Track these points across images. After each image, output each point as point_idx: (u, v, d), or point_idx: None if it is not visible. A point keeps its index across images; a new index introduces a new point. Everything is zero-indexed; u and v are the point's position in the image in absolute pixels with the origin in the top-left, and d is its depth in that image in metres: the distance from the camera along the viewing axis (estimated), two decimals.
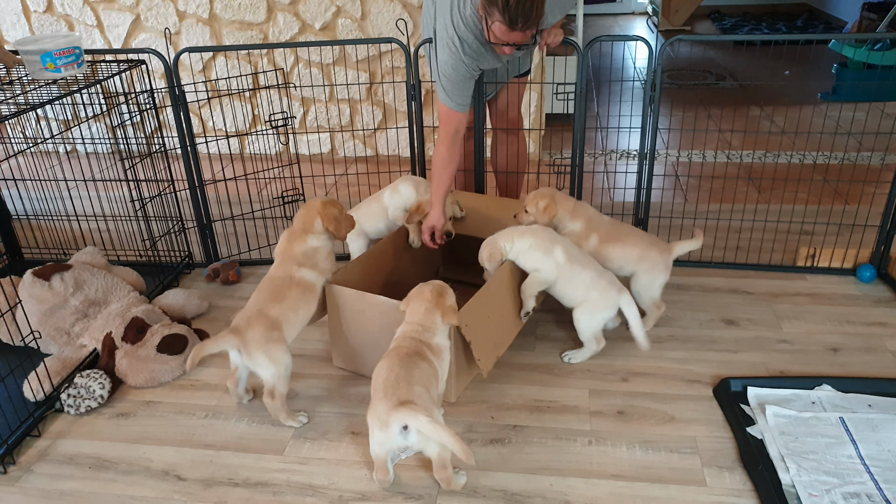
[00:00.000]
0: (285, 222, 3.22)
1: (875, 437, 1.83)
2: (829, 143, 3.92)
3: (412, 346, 1.83)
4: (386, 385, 1.71)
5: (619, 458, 1.84)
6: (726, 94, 5.18)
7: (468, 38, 2.25)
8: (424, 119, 2.92)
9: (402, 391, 1.69)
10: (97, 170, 3.78)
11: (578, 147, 2.72)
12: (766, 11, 8.62)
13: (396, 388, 1.70)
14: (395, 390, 1.69)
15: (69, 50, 2.30)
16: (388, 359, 1.80)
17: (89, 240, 3.06)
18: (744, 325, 2.40)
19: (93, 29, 4.06)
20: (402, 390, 1.69)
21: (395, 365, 1.76)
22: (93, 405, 2.08)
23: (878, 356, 2.21)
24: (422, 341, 1.85)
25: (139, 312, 2.29)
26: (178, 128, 2.66)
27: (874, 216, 2.77)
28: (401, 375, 1.72)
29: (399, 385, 1.70)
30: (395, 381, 1.71)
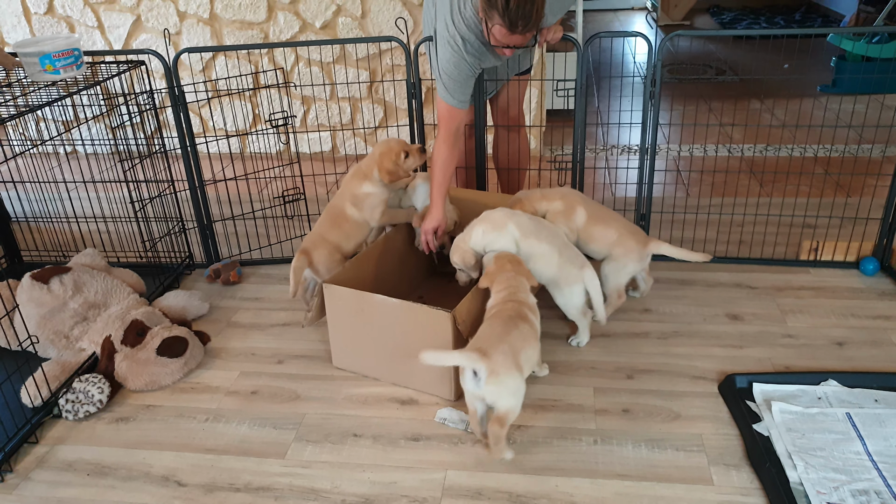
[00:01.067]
0: (286, 222, 3.22)
1: (882, 433, 1.81)
2: (830, 135, 3.90)
3: (514, 308, 1.91)
4: (478, 337, 1.83)
5: (624, 457, 1.82)
6: (726, 88, 5.16)
7: (470, 37, 2.23)
8: (425, 116, 2.90)
9: (487, 343, 1.77)
10: (97, 171, 3.77)
11: (579, 143, 2.70)
12: (764, 5, 8.59)
13: (486, 341, 1.79)
14: (482, 342, 1.78)
15: (68, 52, 2.28)
16: (492, 320, 1.89)
17: (89, 242, 3.04)
18: (748, 319, 2.38)
19: (94, 30, 4.04)
20: (488, 343, 1.77)
21: (496, 325, 1.85)
22: (92, 410, 2.06)
23: (884, 350, 2.19)
24: (521, 301, 1.94)
25: (139, 315, 2.27)
26: (179, 128, 2.64)
27: (876, 209, 2.75)
28: (496, 333, 1.82)
29: (490, 339, 1.79)
30: (488, 337, 1.81)
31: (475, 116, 2.73)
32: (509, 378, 1.73)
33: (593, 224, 2.36)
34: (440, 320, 1.93)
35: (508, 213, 2.23)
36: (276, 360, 2.30)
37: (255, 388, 2.17)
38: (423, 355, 1.74)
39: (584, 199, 2.42)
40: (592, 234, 2.36)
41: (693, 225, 2.94)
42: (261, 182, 3.60)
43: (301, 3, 3.82)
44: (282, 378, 2.21)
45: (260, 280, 2.81)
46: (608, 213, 2.42)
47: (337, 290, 2.11)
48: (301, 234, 3.12)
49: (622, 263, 2.34)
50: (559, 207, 2.38)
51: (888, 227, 2.58)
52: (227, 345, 2.40)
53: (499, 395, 1.74)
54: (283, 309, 2.59)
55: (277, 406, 2.08)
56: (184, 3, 3.89)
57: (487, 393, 1.74)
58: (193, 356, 2.26)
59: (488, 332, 1.84)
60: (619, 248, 2.33)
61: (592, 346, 2.27)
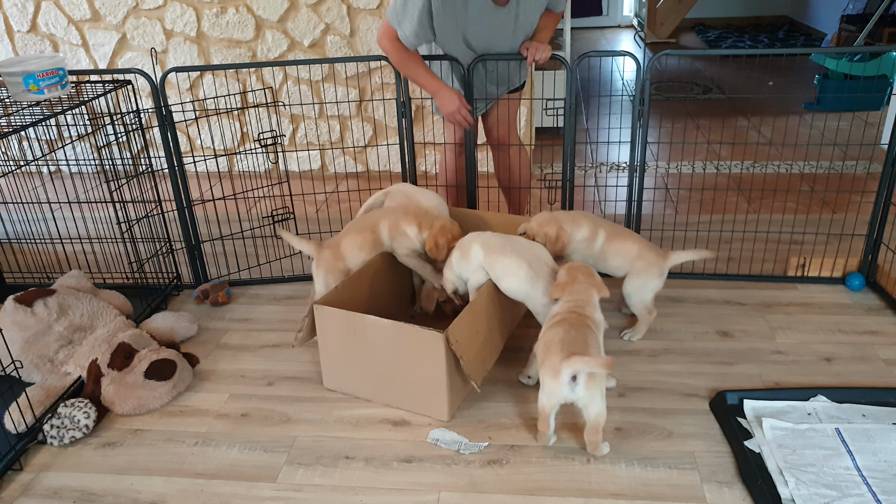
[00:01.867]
0: (275, 241, 3.20)
1: (871, 448, 1.82)
2: (815, 152, 3.95)
3: (578, 319, 1.93)
4: (563, 341, 1.84)
5: (618, 475, 1.81)
6: (713, 106, 5.22)
7: None
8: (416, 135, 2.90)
9: (578, 347, 1.82)
10: (81, 190, 3.74)
11: (569, 161, 2.71)
12: (748, 23, 8.73)
13: (573, 344, 1.83)
14: (572, 346, 1.82)
15: (53, 71, 2.27)
16: (561, 325, 1.91)
17: (74, 263, 3.01)
18: (738, 336, 2.39)
19: (78, 48, 4.03)
20: (579, 346, 1.82)
21: (570, 328, 1.89)
22: (77, 435, 2.03)
23: (871, 365, 2.21)
24: (585, 315, 1.95)
25: (126, 338, 2.25)
26: (166, 148, 2.63)
27: (861, 224, 2.78)
28: (577, 337, 1.86)
29: (576, 342, 1.84)
30: (573, 340, 1.85)
31: (464, 135, 2.73)
32: (602, 384, 1.83)
33: (613, 240, 2.37)
34: (432, 341, 1.92)
35: (475, 235, 2.24)
36: (267, 381, 2.28)
37: (246, 411, 2.15)
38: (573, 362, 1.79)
39: (597, 219, 2.43)
40: (612, 249, 2.36)
41: (682, 242, 2.96)
42: (249, 201, 3.59)
43: (289, 21, 3.83)
44: (272, 400, 2.19)
45: (249, 301, 2.78)
46: (623, 229, 2.43)
47: (328, 311, 2.09)
48: (290, 254, 3.11)
49: (644, 279, 2.33)
50: (587, 234, 2.37)
51: (873, 244, 2.60)
52: (216, 367, 2.37)
53: (593, 398, 1.82)
54: (272, 330, 2.57)
55: (268, 429, 2.06)
56: (170, 21, 3.89)
57: (582, 397, 1.81)
58: (182, 379, 2.23)
59: (570, 338, 1.86)
60: (640, 262, 2.33)
61: None
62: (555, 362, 1.81)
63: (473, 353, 1.99)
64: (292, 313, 2.67)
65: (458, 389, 2.07)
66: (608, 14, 9.13)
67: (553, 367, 1.81)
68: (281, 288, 2.87)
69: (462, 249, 2.22)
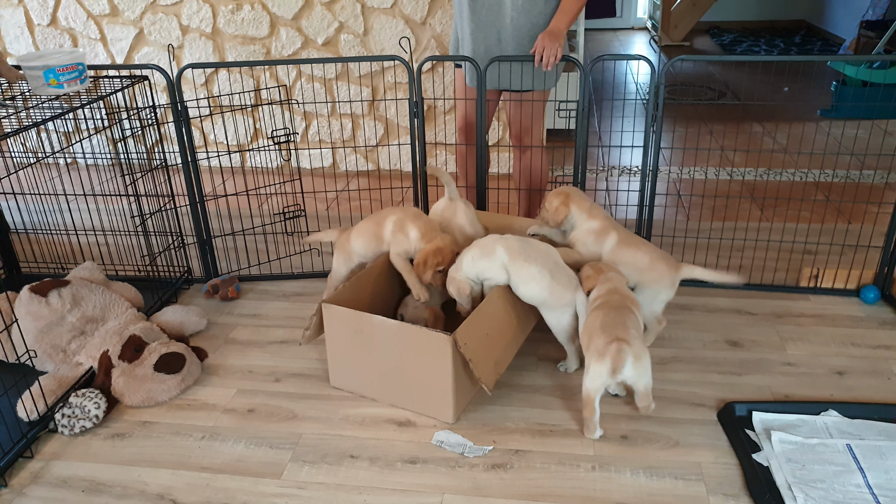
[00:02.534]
0: (286, 238, 3.21)
1: (883, 466, 1.80)
2: (830, 161, 3.92)
3: (619, 299, 2.03)
4: (604, 325, 1.94)
5: (623, 484, 1.81)
6: (726, 111, 5.19)
7: None
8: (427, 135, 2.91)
9: (620, 331, 1.91)
10: (97, 182, 3.77)
11: (581, 164, 2.70)
12: (764, 27, 8.66)
13: (614, 328, 1.92)
14: (613, 329, 1.91)
15: (73, 66, 2.28)
16: (602, 308, 2.00)
17: (87, 254, 3.04)
18: (748, 346, 2.38)
19: (96, 42, 4.05)
20: (620, 330, 1.91)
21: (609, 311, 1.98)
22: (87, 425, 2.05)
23: (884, 380, 2.19)
24: (624, 295, 2.06)
25: (137, 330, 2.26)
26: (181, 144, 2.64)
27: (877, 236, 2.76)
28: (617, 319, 1.95)
29: (616, 326, 1.93)
30: (613, 323, 1.94)
31: (477, 133, 2.73)
32: (647, 359, 1.93)
33: (623, 247, 2.31)
34: (440, 343, 1.92)
35: (497, 237, 2.21)
36: (274, 378, 2.29)
37: (252, 407, 2.16)
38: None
39: (614, 221, 2.40)
40: (622, 257, 2.30)
41: (693, 249, 2.94)
42: (261, 197, 3.60)
43: (303, 19, 3.84)
44: (279, 397, 2.20)
45: (258, 296, 2.80)
46: (636, 237, 2.37)
47: (336, 311, 2.10)
48: (301, 250, 3.12)
49: (656, 290, 2.28)
50: (597, 226, 2.34)
51: (889, 256, 2.58)
52: (224, 362, 2.38)
53: (640, 375, 1.92)
54: (280, 326, 2.58)
55: (274, 425, 2.07)
56: (186, 17, 3.91)
57: (631, 376, 1.91)
58: (191, 373, 2.25)
59: (609, 320, 1.95)
60: (651, 273, 2.28)
61: None
62: (599, 346, 1.90)
63: (483, 356, 1.99)
64: (301, 310, 2.68)
65: (464, 392, 2.07)
66: (622, 16, 9.09)
67: (599, 352, 1.90)
68: (290, 284, 2.88)
69: (483, 249, 2.19)
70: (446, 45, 3.81)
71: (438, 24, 3.76)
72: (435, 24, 3.76)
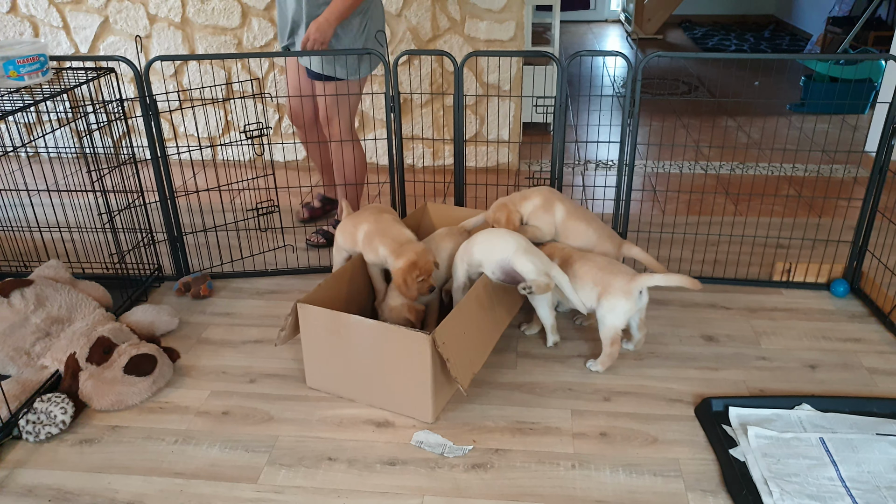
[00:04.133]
0: (259, 234, 3.16)
1: (855, 458, 1.83)
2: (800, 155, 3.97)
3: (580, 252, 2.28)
4: (604, 267, 2.16)
5: (602, 482, 1.81)
6: (698, 104, 5.23)
7: None
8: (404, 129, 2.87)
9: (625, 268, 2.15)
10: (61, 176, 3.66)
11: (558, 160, 2.69)
12: (734, 21, 8.76)
13: (618, 267, 2.16)
14: (618, 267, 2.15)
15: (34, 58, 2.21)
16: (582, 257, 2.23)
17: (52, 251, 2.95)
18: (723, 341, 2.40)
19: (59, 31, 3.93)
20: (625, 268, 2.15)
21: (596, 258, 2.21)
22: (54, 431, 1.98)
23: (855, 373, 2.22)
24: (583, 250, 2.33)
25: (105, 331, 2.20)
26: (150, 139, 2.57)
27: (846, 230, 2.80)
28: (608, 261, 2.18)
29: (615, 265, 2.15)
30: (611, 264, 2.16)
31: (454, 131, 2.70)
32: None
33: (572, 219, 2.42)
34: (418, 342, 1.90)
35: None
36: (249, 378, 2.25)
37: (227, 409, 2.11)
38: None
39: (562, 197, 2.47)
40: (571, 229, 2.41)
41: (669, 244, 2.96)
42: (233, 192, 3.53)
43: (276, 9, 3.75)
44: (254, 398, 2.16)
45: (231, 294, 2.74)
46: (587, 213, 2.47)
47: (311, 310, 2.06)
48: (274, 247, 3.06)
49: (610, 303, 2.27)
50: (538, 202, 2.43)
51: (858, 251, 2.62)
52: (197, 362, 2.33)
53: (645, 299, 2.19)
54: (254, 325, 2.53)
55: (249, 428, 2.03)
56: (154, 6, 3.81)
57: (644, 304, 2.17)
58: (162, 374, 2.19)
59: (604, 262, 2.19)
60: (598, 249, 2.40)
61: (570, 367, 2.26)
62: (622, 285, 2.10)
63: (461, 355, 1.97)
64: (275, 308, 2.64)
65: (443, 391, 2.06)
66: (595, 8, 9.12)
67: (623, 290, 2.10)
68: (264, 282, 2.83)
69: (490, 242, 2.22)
70: (421, 37, 3.77)
71: (414, 16, 3.71)
72: (410, 16, 3.72)
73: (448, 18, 3.72)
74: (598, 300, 2.17)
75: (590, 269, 2.20)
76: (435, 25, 3.74)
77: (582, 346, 2.37)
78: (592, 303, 2.19)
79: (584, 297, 2.19)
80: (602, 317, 2.17)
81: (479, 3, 3.68)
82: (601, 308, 2.16)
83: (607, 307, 2.15)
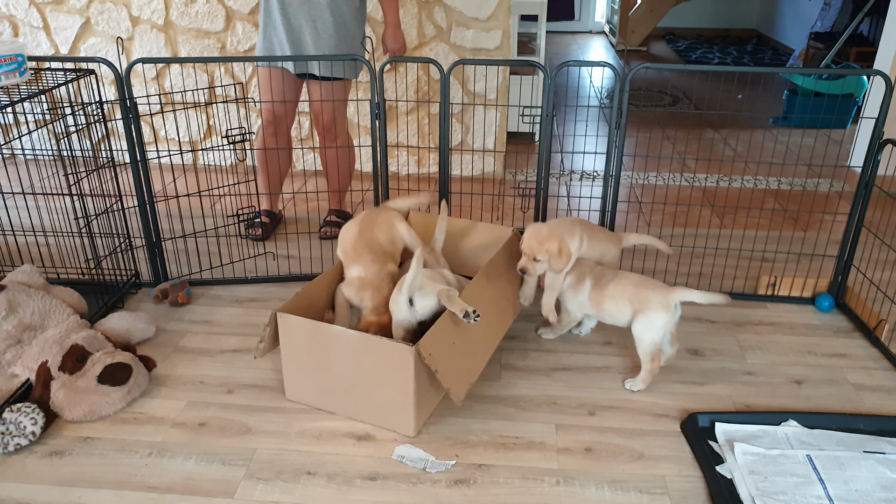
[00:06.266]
0: (239, 241, 3.10)
1: (842, 476, 1.81)
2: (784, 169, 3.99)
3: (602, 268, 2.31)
4: (641, 283, 2.16)
5: (587, 499, 1.77)
6: (682, 116, 5.25)
7: None
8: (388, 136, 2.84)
9: (660, 283, 2.16)
10: (36, 178, 3.59)
11: (544, 170, 2.67)
12: (717, 35, 8.84)
13: (652, 283, 2.16)
14: (653, 284, 2.15)
15: (11, 58, 2.15)
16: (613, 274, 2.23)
17: (26, 256, 2.88)
18: (709, 355, 2.38)
19: (39, 31, 3.86)
20: (659, 283, 2.16)
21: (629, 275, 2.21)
22: (23, 443, 1.91)
23: (841, 389, 2.21)
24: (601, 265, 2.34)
25: (79, 339, 2.13)
26: (129, 142, 2.51)
27: (831, 245, 2.80)
28: (642, 277, 2.20)
29: (649, 281, 2.17)
30: (645, 280, 2.18)
31: (440, 138, 2.67)
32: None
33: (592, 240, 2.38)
34: (401, 353, 1.86)
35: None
36: (226, 389, 2.19)
37: (203, 420, 2.06)
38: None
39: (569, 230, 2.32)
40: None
41: (654, 256, 2.94)
42: (213, 198, 3.48)
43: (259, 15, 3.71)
44: (232, 409, 2.10)
45: (210, 302, 2.69)
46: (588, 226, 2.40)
47: (291, 320, 2.01)
48: (254, 254, 3.01)
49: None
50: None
51: (843, 265, 2.62)
52: (173, 372, 2.27)
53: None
54: (233, 334, 2.48)
55: (227, 440, 1.97)
56: (137, 7, 3.75)
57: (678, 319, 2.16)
58: (137, 384, 2.13)
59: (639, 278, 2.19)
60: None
61: (554, 381, 2.23)
62: (661, 298, 2.11)
63: (452, 366, 1.93)
64: (255, 316, 2.59)
65: (425, 404, 2.01)
66: (580, 19, 9.17)
67: (663, 304, 2.10)
68: (243, 289, 2.77)
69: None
70: (408, 45, 3.74)
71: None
72: None
73: (434, 26, 3.70)
74: (634, 317, 2.16)
75: (626, 288, 2.18)
76: (421, 33, 3.72)
77: (566, 358, 2.34)
78: (627, 320, 2.19)
79: (618, 315, 2.20)
80: (639, 334, 2.14)
81: (465, 11, 3.66)
82: (638, 325, 2.14)
83: (645, 323, 2.13)
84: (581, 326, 2.48)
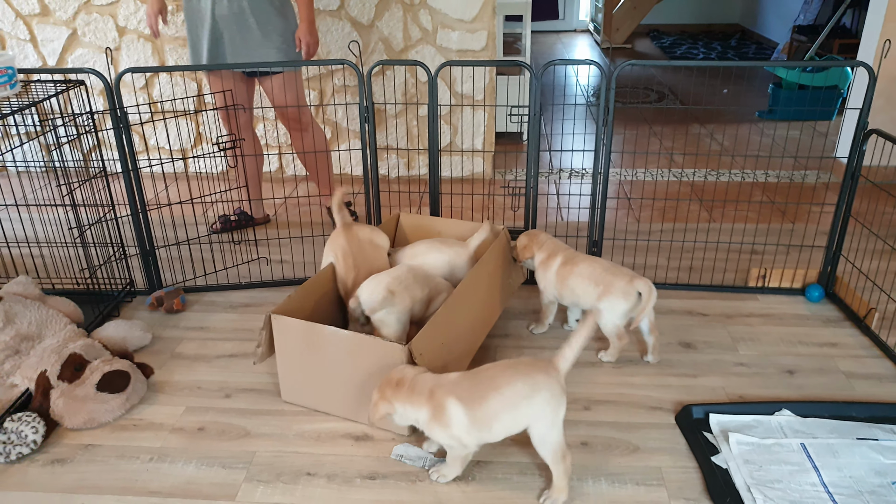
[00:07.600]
0: (232, 247, 3.11)
1: (836, 463, 1.84)
2: (771, 162, 4.03)
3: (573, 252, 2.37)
4: (606, 269, 2.23)
5: (585, 493, 1.80)
6: (669, 111, 5.29)
7: None
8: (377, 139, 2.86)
9: (616, 269, 2.22)
10: (30, 190, 3.59)
11: (533, 169, 2.69)
12: (701, 31, 8.90)
13: (612, 268, 2.23)
14: (620, 271, 2.21)
15: (2, 70, 2.15)
16: (580, 259, 2.31)
17: (21, 267, 2.88)
18: (701, 347, 2.41)
19: (26, 43, 3.86)
20: (616, 269, 2.22)
21: (601, 261, 2.27)
22: (25, 452, 1.92)
23: (832, 377, 2.24)
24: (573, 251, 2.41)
25: (77, 348, 2.14)
26: (121, 152, 2.52)
27: (819, 236, 2.84)
28: (609, 264, 2.26)
29: (616, 268, 2.23)
30: (612, 267, 2.23)
31: (429, 135, 2.69)
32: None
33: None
34: (394, 353, 1.88)
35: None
36: (224, 393, 2.21)
37: (202, 425, 2.07)
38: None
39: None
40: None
41: (644, 251, 2.97)
42: (205, 205, 3.48)
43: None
44: (230, 413, 2.11)
45: (205, 308, 2.70)
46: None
47: (285, 322, 2.03)
48: (248, 260, 3.02)
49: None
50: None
51: (832, 255, 2.65)
52: (171, 378, 2.28)
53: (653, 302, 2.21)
54: (228, 339, 2.49)
55: (226, 444, 1.99)
56: (123, 18, 3.76)
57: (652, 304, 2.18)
58: (135, 391, 2.14)
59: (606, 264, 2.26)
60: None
61: None
62: (623, 286, 2.18)
63: (440, 366, 1.95)
64: (249, 321, 2.60)
65: None
66: (564, 18, 9.21)
67: (624, 291, 2.18)
68: (237, 295, 2.79)
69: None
70: (393, 48, 3.76)
71: (385, 26, 3.71)
72: (382, 26, 3.71)
73: (420, 29, 3.72)
74: (598, 299, 2.24)
75: (594, 269, 2.27)
76: (407, 36, 3.74)
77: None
78: (589, 302, 2.27)
79: (584, 296, 2.28)
80: (601, 317, 2.25)
81: (450, 13, 3.68)
82: (601, 305, 2.24)
83: (607, 306, 2.23)
84: (569, 322, 2.51)
